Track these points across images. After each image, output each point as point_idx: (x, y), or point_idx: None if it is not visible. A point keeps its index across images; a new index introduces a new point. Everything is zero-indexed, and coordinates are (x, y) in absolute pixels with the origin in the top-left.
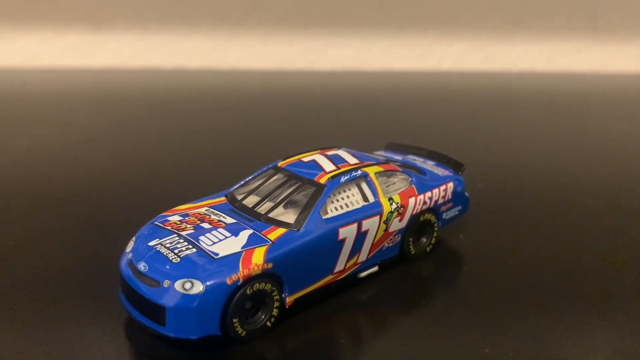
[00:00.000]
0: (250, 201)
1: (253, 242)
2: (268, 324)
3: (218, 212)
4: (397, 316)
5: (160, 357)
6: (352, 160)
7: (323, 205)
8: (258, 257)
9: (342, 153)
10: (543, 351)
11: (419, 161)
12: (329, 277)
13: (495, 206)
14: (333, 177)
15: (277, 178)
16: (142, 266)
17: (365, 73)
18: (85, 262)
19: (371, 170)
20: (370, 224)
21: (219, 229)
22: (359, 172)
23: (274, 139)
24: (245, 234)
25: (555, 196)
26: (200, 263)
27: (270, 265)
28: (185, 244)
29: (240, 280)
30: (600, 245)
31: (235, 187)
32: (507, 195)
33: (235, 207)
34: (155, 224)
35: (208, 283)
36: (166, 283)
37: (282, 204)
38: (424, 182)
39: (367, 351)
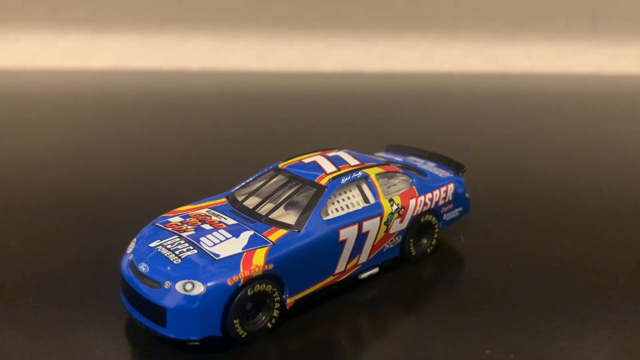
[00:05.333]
0: (251, 202)
1: (254, 243)
2: (269, 325)
3: (219, 214)
4: (398, 317)
5: (161, 359)
6: (352, 161)
7: (324, 207)
8: (259, 258)
9: (342, 154)
10: (543, 352)
11: (419, 162)
12: (330, 279)
13: (495, 207)
14: (334, 178)
15: (278, 179)
16: (143, 267)
17: (366, 74)
18: (86, 263)
19: (372, 172)
20: (371, 225)
21: (219, 230)
22: (360, 173)
23: (274, 140)
24: (246, 235)
25: (555, 197)
26: (201, 264)
27: (271, 266)
28: (186, 245)
29: (241, 282)
30: (600, 246)
31: (236, 188)
32: (507, 197)
33: (236, 208)
34: (156, 225)
35: (209, 284)
36: (167, 284)
37: (282, 205)
38: (424, 183)
39: (368, 352)
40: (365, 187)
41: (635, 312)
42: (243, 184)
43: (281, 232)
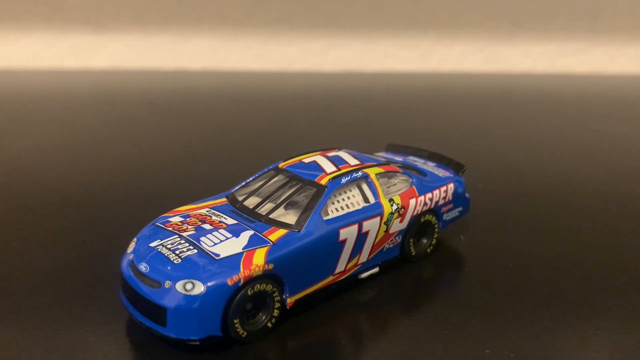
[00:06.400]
0: (251, 202)
1: (254, 243)
2: (269, 324)
3: (219, 213)
4: (398, 317)
5: (161, 358)
6: (352, 161)
7: (324, 207)
8: (259, 258)
9: (342, 154)
10: (543, 352)
11: (419, 162)
12: (330, 278)
13: (495, 207)
14: (334, 178)
15: (278, 179)
16: (143, 267)
17: (366, 74)
18: (87, 262)
19: (372, 172)
20: (371, 225)
21: (220, 230)
22: (360, 173)
23: (274, 140)
24: (246, 235)
25: (555, 197)
26: (201, 264)
27: (271, 266)
28: (187, 244)
29: (241, 281)
30: (600, 246)
31: (236, 188)
32: (507, 197)
33: (236, 208)
34: (157, 225)
35: (209, 284)
36: (167, 284)
37: (283, 205)
38: (424, 183)
39: (368, 352)
40: (365, 187)
41: (634, 313)
42: (243, 183)
43: (281, 231)
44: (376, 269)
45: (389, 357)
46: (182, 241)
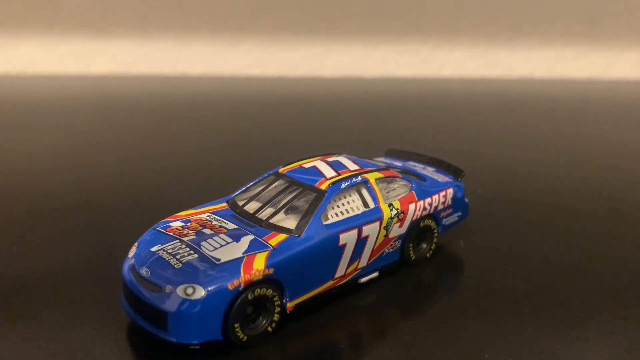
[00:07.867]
0: (252, 207)
1: (254, 247)
2: (269, 329)
3: (219, 218)
4: (398, 321)
5: None
6: (352, 166)
7: (324, 211)
8: (259, 262)
9: (342, 159)
10: (542, 356)
11: (419, 167)
12: (330, 283)
13: (494, 212)
14: (334, 183)
15: (278, 184)
16: (144, 271)
17: (366, 79)
18: (88, 267)
19: (371, 177)
20: (371, 230)
21: (220, 235)
22: (360, 178)
23: (274, 145)
24: (246, 240)
25: (554, 202)
26: (201, 268)
27: (271, 270)
28: (187, 249)
29: (242, 286)
30: (599, 250)
31: (237, 193)
32: (506, 201)
33: (236, 213)
34: (158, 230)
35: (210, 288)
36: (168, 288)
37: (283, 210)
38: (424, 188)
39: (368, 356)
40: (364, 192)
41: (633, 317)
42: (243, 188)
43: (281, 236)
44: (376, 274)
45: None
46: (183, 246)
